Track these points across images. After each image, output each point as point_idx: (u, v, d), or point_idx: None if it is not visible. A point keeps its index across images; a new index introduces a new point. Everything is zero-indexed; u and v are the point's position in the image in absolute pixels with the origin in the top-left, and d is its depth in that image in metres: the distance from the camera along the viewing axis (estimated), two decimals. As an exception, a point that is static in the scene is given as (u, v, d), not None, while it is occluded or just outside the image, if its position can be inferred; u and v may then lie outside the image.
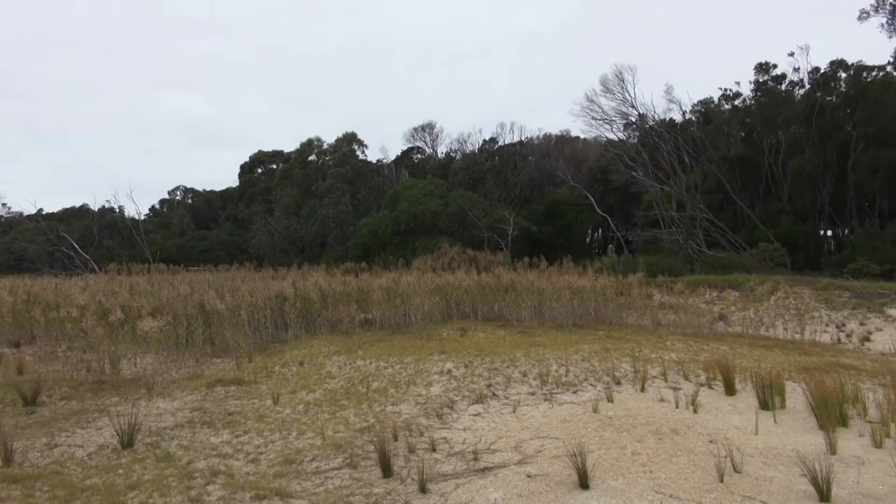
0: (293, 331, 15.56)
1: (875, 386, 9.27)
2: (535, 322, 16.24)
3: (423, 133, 55.05)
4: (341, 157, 44.88)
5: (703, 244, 34.09)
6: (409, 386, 9.48)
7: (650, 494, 5.28)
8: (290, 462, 6.39)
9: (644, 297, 18.88)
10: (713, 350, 12.54)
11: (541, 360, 10.84)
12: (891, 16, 31.19)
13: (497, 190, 44.48)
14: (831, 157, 38.02)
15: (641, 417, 7.50)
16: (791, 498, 5.13)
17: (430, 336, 14.35)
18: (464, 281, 18.63)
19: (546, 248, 36.66)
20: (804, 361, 11.32)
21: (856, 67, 37.75)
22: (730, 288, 22.37)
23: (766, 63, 39.97)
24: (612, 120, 40.27)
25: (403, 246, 34.81)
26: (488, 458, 6.29)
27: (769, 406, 7.89)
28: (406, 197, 36.78)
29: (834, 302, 19.42)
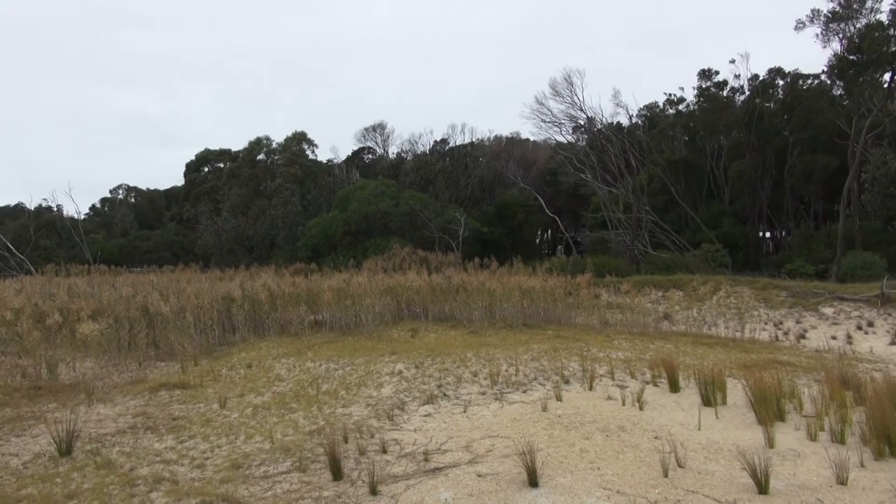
0: (241, 333, 15.28)
1: (810, 381, 9.67)
2: (486, 322, 16.35)
3: (374, 133, 54.80)
4: (291, 157, 44.25)
5: (649, 245, 34.90)
6: (359, 387, 9.42)
7: (598, 491, 5.37)
8: (237, 467, 6.27)
9: (592, 297, 19.22)
10: (658, 348, 12.86)
11: (491, 360, 10.92)
12: (825, 26, 32.50)
13: (448, 191, 44.59)
14: (770, 162, 39.48)
15: (589, 415, 7.64)
16: (732, 491, 5.30)
17: (381, 337, 14.30)
18: (415, 282, 18.62)
19: (497, 248, 36.93)
20: (744, 358, 11.71)
21: (792, 75, 39.27)
22: (674, 288, 22.98)
23: (708, 70, 41.19)
24: (561, 123, 40.87)
25: (354, 247, 34.53)
26: (439, 459, 6.30)
27: (711, 402, 8.14)
28: (357, 197, 36.50)
29: (772, 301, 20.15)
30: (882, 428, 6.31)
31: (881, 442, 6.23)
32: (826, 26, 32.46)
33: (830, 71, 35.11)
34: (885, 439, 6.24)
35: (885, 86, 32.48)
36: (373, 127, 54.65)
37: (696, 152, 42.48)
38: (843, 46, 32.45)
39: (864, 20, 31.39)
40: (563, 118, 40.27)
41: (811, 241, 33.63)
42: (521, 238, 45.12)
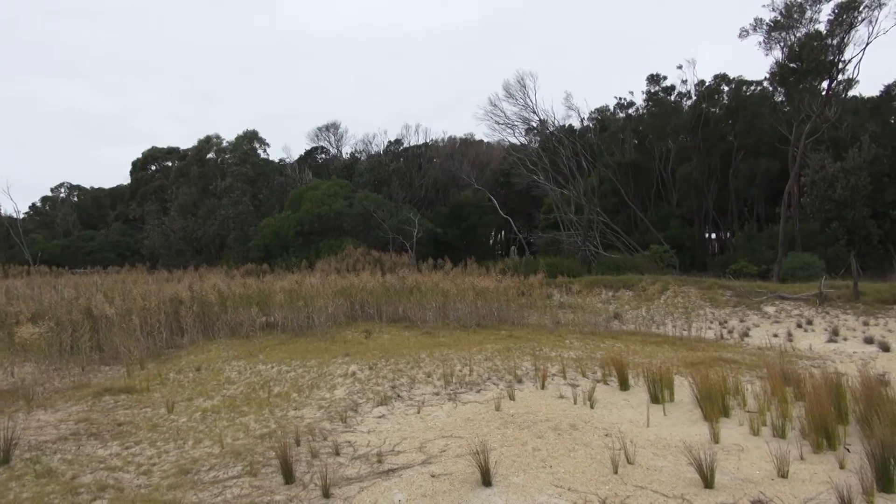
0: (189, 336, 14.94)
1: (753, 378, 9.98)
2: (440, 323, 16.38)
3: (327, 133, 54.35)
4: (242, 156, 43.53)
5: (600, 246, 35.51)
6: (312, 390, 9.32)
7: (550, 489, 5.44)
8: (185, 472, 6.13)
9: (544, 297, 19.46)
10: (609, 347, 13.09)
11: (445, 361, 10.94)
12: (767, 35, 33.63)
13: (402, 191, 44.52)
14: (715, 165, 40.67)
15: (542, 414, 7.72)
16: (679, 486, 5.43)
17: (334, 338, 14.18)
18: (368, 282, 18.53)
19: (450, 249, 37.04)
20: (691, 356, 12.02)
21: (737, 82, 40.54)
22: (624, 288, 23.43)
23: (657, 75, 42.24)
24: (514, 125, 41.31)
25: (307, 247, 34.14)
26: (392, 460, 6.28)
27: (659, 400, 8.33)
28: (310, 197, 36.11)
29: (717, 300, 20.74)
30: (820, 422, 6.56)
31: (819, 436, 6.47)
32: (768, 35, 33.60)
33: (772, 78, 36.37)
34: (822, 433, 6.49)
35: (823, 93, 33.79)
36: (326, 126, 54.27)
37: (645, 155, 43.46)
38: (784, 54, 33.62)
39: (803, 30, 32.59)
40: (516, 120, 40.75)
41: (754, 243, 34.76)
42: (475, 239, 45.37)
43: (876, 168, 31.89)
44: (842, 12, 30.70)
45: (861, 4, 29.99)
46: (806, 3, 31.98)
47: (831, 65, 32.30)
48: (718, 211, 42.12)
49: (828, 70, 32.63)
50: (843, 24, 30.91)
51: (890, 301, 18.62)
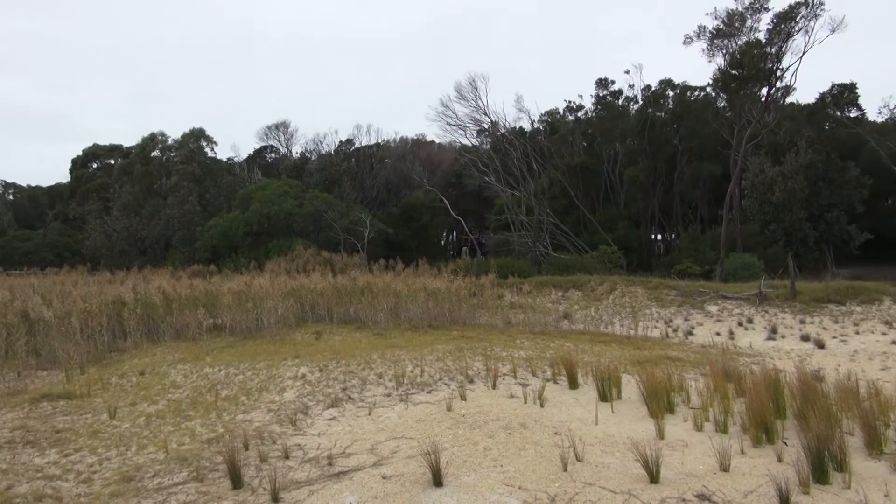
0: (133, 339, 14.50)
1: (697, 375, 10.27)
2: (391, 324, 16.33)
3: (276, 132, 53.56)
4: (188, 154, 42.48)
5: (550, 247, 35.99)
6: (261, 392, 9.17)
7: (500, 487, 5.48)
8: (128, 480, 5.95)
9: (496, 297, 19.59)
10: (558, 347, 13.27)
11: (396, 362, 10.92)
12: (710, 42, 34.71)
13: (353, 192, 44.21)
14: (661, 168, 41.74)
15: (493, 414, 7.78)
16: (626, 482, 5.55)
17: (284, 340, 13.98)
18: (319, 283, 18.33)
19: (402, 250, 36.95)
20: (638, 355, 12.29)
21: (681, 87, 41.69)
22: (573, 288, 23.80)
23: (605, 79, 43.05)
24: (465, 126, 41.52)
25: (256, 248, 33.56)
26: (343, 462, 6.23)
27: (607, 398, 8.49)
28: (259, 197, 35.50)
29: (663, 300, 21.26)
30: (759, 417, 6.80)
31: (759, 430, 6.70)
32: (711, 42, 34.72)
33: (715, 84, 37.58)
34: (762, 428, 6.72)
35: (763, 99, 35.06)
36: (276, 125, 53.49)
37: (593, 158, 44.26)
38: (726, 62, 34.77)
39: (744, 38, 33.77)
40: (467, 121, 40.96)
41: (698, 244, 35.78)
42: (427, 239, 45.39)
43: (811, 172, 33.23)
44: (780, 22, 31.93)
45: (798, 15, 31.26)
46: (746, 12, 33.17)
47: (770, 72, 33.57)
48: (664, 213, 43.25)
49: (767, 77, 33.90)
50: (781, 33, 32.15)
51: (824, 300, 19.42)
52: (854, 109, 38.66)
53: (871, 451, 6.28)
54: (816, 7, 30.81)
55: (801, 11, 31.17)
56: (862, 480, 5.50)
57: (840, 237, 33.58)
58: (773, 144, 36.90)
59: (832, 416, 6.80)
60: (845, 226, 33.48)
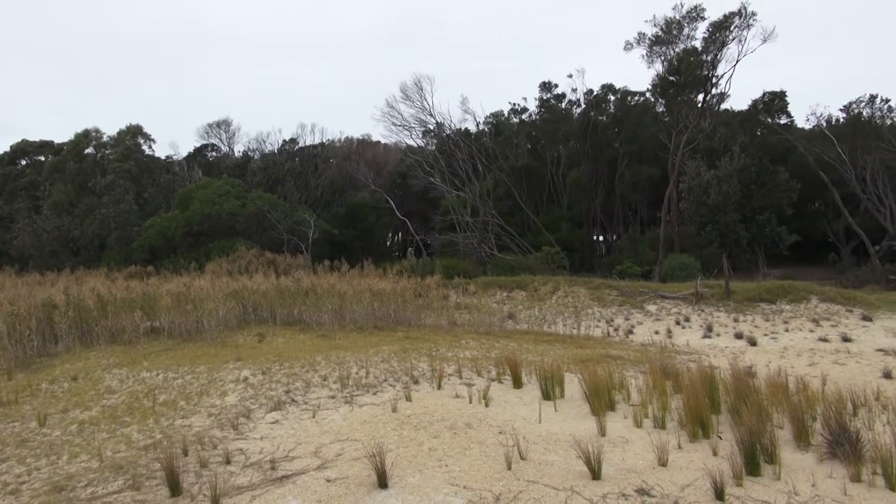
0: (65, 343, 13.93)
1: (637, 373, 10.54)
2: (336, 325, 16.18)
3: (218, 130, 52.39)
4: (124, 152, 41.08)
5: (495, 248, 36.31)
6: (201, 397, 8.94)
7: (445, 487, 5.50)
8: (59, 490, 5.72)
9: (441, 298, 19.66)
10: (503, 346, 13.40)
11: (341, 363, 10.82)
12: (649, 49, 35.69)
13: (297, 192, 43.61)
14: (603, 171, 42.67)
15: (438, 414, 7.79)
16: (569, 479, 5.65)
17: (225, 343, 13.68)
18: (262, 285, 18.01)
19: (347, 250, 36.65)
20: (580, 354, 12.53)
21: (622, 92, 42.71)
22: (518, 288, 24.07)
23: (548, 82, 43.74)
24: (411, 127, 41.51)
25: (196, 248, 32.69)
26: (287, 466, 6.14)
27: (551, 396, 8.62)
28: (199, 197, 34.60)
29: (605, 300, 21.73)
30: (696, 413, 7.02)
31: (695, 425, 6.93)
32: (650, 49, 35.71)
33: (654, 90, 38.67)
34: (698, 423, 6.95)
35: (699, 105, 36.24)
36: (217, 123, 52.32)
37: (537, 160, 44.90)
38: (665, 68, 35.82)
39: (681, 45, 34.84)
40: (413, 122, 40.96)
41: (638, 245, 36.71)
42: (372, 240, 45.14)
43: (745, 176, 34.61)
44: (715, 31, 33.07)
45: (732, 25, 32.44)
46: (684, 20, 34.23)
47: (706, 79, 34.74)
48: (605, 214, 44.24)
49: (703, 84, 35.07)
50: (716, 41, 33.31)
51: (756, 299, 20.21)
52: (784, 116, 40.50)
53: (800, 443, 6.58)
54: (749, 17, 32.06)
55: (735, 21, 32.37)
56: (791, 472, 5.75)
57: (771, 238, 35.07)
58: (708, 149, 38.25)
59: (763, 411, 7.09)
60: (776, 227, 35.01)
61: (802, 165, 37.73)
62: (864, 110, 39.21)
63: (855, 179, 36.56)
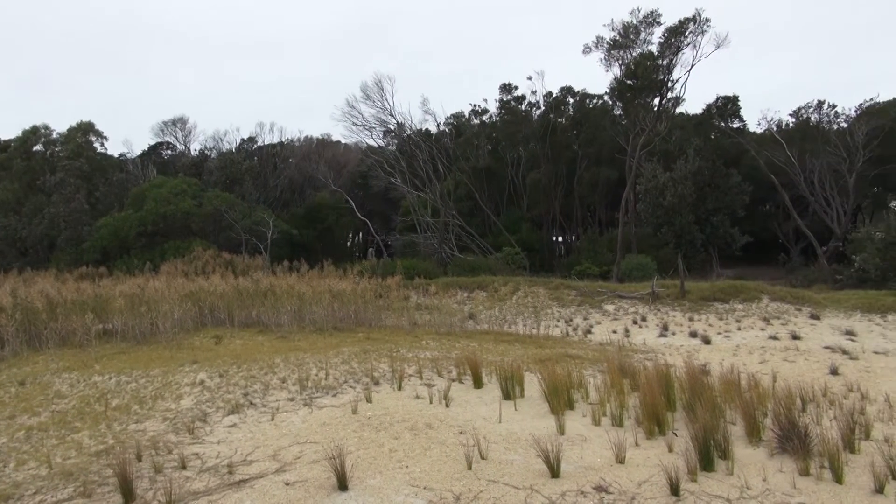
0: (11, 347, 13.46)
1: (595, 372, 10.69)
2: (295, 326, 16.00)
3: (173, 128, 51.17)
4: (75, 149, 39.85)
5: (456, 248, 36.39)
6: (155, 401, 8.74)
7: (406, 489, 5.49)
8: (5, 499, 5.52)
9: (402, 299, 19.62)
10: (464, 347, 13.44)
11: (300, 365, 10.71)
12: (607, 53, 36.24)
13: (256, 191, 42.94)
14: (562, 172, 43.14)
15: (398, 415, 7.78)
16: (528, 477, 5.70)
17: (181, 345, 13.40)
18: (219, 286, 17.70)
19: (307, 251, 36.25)
20: (540, 353, 12.64)
21: (581, 95, 43.25)
22: (478, 289, 24.18)
23: (509, 84, 44.00)
24: (372, 127, 41.30)
25: (151, 249, 31.93)
26: (244, 470, 6.05)
27: (511, 396, 8.69)
28: (154, 196, 33.79)
29: (564, 300, 21.98)
30: (652, 410, 7.16)
31: (651, 423, 7.07)
32: (608, 52, 36.26)
33: (612, 93, 39.32)
34: (654, 420, 7.09)
35: (655, 109, 36.95)
36: (173, 121, 51.08)
37: (498, 161, 45.16)
38: (622, 71, 36.42)
39: (638, 50, 35.49)
40: (373, 122, 40.77)
41: (596, 245, 37.25)
42: (332, 241, 44.78)
43: (699, 178, 35.44)
44: (671, 36, 33.78)
45: (687, 30, 33.18)
46: (641, 25, 34.86)
47: (662, 83, 35.47)
48: (564, 215, 44.75)
49: (659, 88, 35.80)
50: (671, 46, 34.03)
51: (710, 298, 20.69)
52: (736, 120, 41.63)
53: (751, 438, 6.77)
54: (703, 23, 32.82)
55: (690, 27, 33.10)
56: (743, 466, 5.91)
57: (724, 239, 35.99)
58: (664, 152, 39.04)
59: (717, 408, 7.27)
60: (729, 229, 35.95)
61: (754, 168, 38.80)
62: (812, 115, 40.54)
63: (803, 182, 37.74)
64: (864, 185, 38.05)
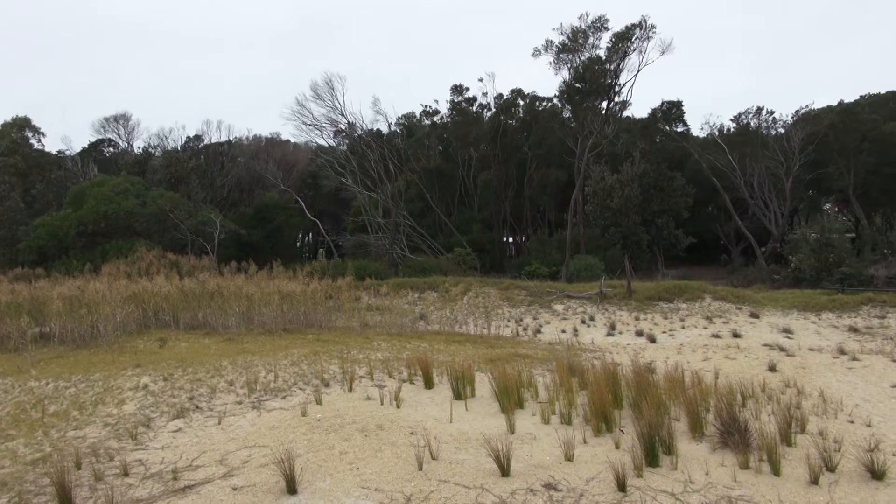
0: (-60, 352, 12.84)
1: (544, 371, 10.83)
2: (244, 328, 15.72)
3: (116, 124, 49.65)
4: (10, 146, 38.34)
5: (407, 249, 36.33)
6: (96, 406, 8.46)
7: (356, 490, 5.46)
8: (-67, 511, 5.26)
9: (352, 300, 19.47)
10: (415, 347, 13.43)
11: (249, 368, 10.53)
12: (556, 56, 36.77)
13: (202, 191, 41.99)
14: (512, 174, 43.55)
15: (349, 417, 7.72)
16: (479, 476, 5.74)
17: (124, 349, 13.00)
18: (164, 287, 17.24)
19: (256, 251, 35.64)
20: (490, 353, 12.73)
21: (531, 97, 43.71)
22: (429, 289, 24.19)
23: (460, 85, 44.15)
24: (322, 126, 40.87)
25: (91, 249, 30.84)
26: (190, 476, 5.91)
27: (462, 396, 8.73)
28: (95, 194, 32.67)
29: (514, 300, 22.18)
30: (600, 408, 7.30)
31: (599, 420, 7.20)
32: (557, 56, 36.79)
33: (561, 96, 39.87)
34: (602, 418, 7.23)
35: (603, 112, 37.67)
36: (115, 117, 49.54)
37: (449, 162, 45.28)
38: (571, 75, 36.99)
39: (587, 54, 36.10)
40: (324, 122, 40.38)
41: (546, 246, 37.71)
42: (282, 241, 44.15)
43: (645, 181, 36.31)
44: (618, 41, 34.48)
45: (633, 36, 33.93)
46: (589, 30, 35.48)
47: (609, 87, 36.16)
48: (515, 216, 45.16)
49: (606, 92, 36.50)
50: (618, 51, 34.73)
51: (656, 298, 21.20)
52: (680, 125, 42.72)
53: (695, 434, 6.97)
54: (649, 30, 33.62)
55: (636, 33, 33.85)
56: (687, 461, 6.09)
57: (669, 240, 36.97)
58: (611, 154, 39.84)
59: (662, 405, 7.47)
60: (673, 230, 36.95)
61: (697, 172, 39.92)
62: (752, 121, 41.94)
63: (744, 185, 39.04)
64: (800, 188, 39.60)
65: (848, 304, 19.29)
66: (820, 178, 38.83)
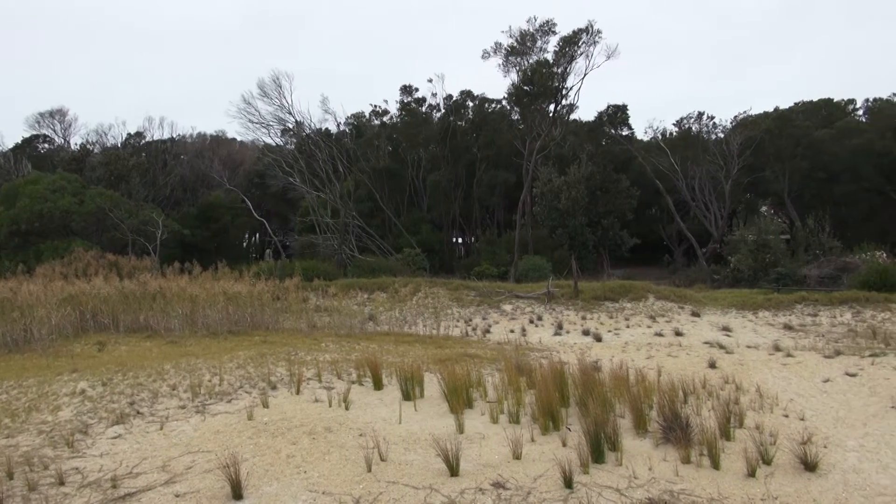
0: None
1: (493, 371, 10.91)
2: (187, 331, 15.33)
3: (51, 120, 47.80)
4: (-65, 140, 36.39)
5: (356, 249, 36.09)
6: (29, 413, 8.11)
7: (304, 494, 5.39)
8: None
9: (300, 301, 19.22)
10: (364, 349, 13.35)
11: (192, 371, 10.27)
12: (505, 59, 37.16)
13: (144, 189, 40.80)
14: (462, 175, 43.76)
15: (297, 419, 7.62)
16: (428, 477, 5.74)
17: (59, 353, 12.52)
18: (102, 289, 16.65)
19: (200, 252, 34.79)
20: (439, 354, 12.75)
21: (480, 99, 44.02)
22: (379, 290, 24.07)
23: (409, 86, 44.17)
24: (269, 124, 40.25)
25: (24, 249, 29.60)
26: (130, 484, 5.73)
27: (411, 396, 8.72)
28: (28, 192, 31.35)
29: (463, 300, 22.28)
30: (547, 407, 7.40)
31: (546, 419, 7.30)
32: (506, 59, 37.21)
33: (509, 98, 40.32)
34: (549, 416, 7.33)
35: (551, 115, 38.24)
36: (50, 112, 47.66)
37: (398, 162, 45.22)
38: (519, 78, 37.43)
39: (535, 57, 36.60)
40: (271, 120, 39.77)
41: (495, 247, 38.02)
42: (227, 241, 43.25)
43: (591, 183, 37.02)
44: (565, 45, 35.08)
45: (580, 40, 34.57)
46: (537, 33, 36.01)
47: (557, 90, 36.74)
48: (464, 217, 45.39)
49: (554, 95, 37.07)
50: (566, 55, 35.34)
51: (601, 298, 21.61)
52: (625, 128, 43.77)
53: (639, 430, 7.14)
54: (595, 35, 34.32)
55: (583, 37, 34.51)
56: (631, 457, 6.23)
57: (614, 241, 37.78)
58: (559, 156, 40.47)
59: (607, 402, 7.62)
60: (618, 231, 37.78)
61: (641, 174, 40.93)
62: (694, 125, 43.27)
63: (685, 188, 40.23)
64: (738, 191, 41.03)
65: (783, 302, 20.05)
66: (757, 181, 40.34)
